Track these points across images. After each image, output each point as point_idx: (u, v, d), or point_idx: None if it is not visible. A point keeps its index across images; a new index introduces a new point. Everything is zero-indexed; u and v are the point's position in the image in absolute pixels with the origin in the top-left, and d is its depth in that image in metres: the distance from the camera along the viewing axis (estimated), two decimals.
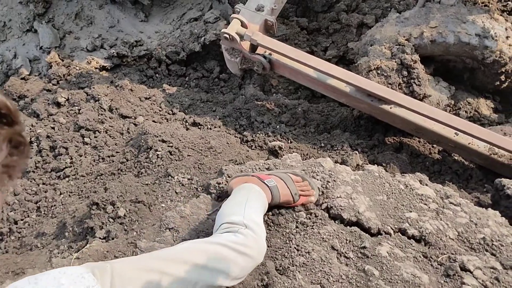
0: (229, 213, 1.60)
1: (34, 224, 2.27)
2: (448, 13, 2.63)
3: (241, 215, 1.57)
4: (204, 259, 1.37)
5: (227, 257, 1.41)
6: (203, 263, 1.37)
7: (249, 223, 1.54)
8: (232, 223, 1.54)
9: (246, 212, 1.59)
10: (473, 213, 1.89)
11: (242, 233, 1.49)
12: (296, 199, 1.88)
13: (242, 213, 1.58)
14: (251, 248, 1.47)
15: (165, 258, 1.37)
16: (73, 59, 3.57)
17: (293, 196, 1.87)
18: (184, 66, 3.62)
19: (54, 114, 2.91)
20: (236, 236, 1.48)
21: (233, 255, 1.42)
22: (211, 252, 1.41)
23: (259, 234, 1.55)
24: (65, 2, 3.84)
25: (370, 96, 2.60)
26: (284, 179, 1.91)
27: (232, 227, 1.52)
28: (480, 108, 2.91)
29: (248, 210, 1.61)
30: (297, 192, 1.89)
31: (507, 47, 2.58)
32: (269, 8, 2.88)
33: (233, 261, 1.41)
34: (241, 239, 1.47)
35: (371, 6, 3.55)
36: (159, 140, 2.42)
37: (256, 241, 1.51)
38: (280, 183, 1.88)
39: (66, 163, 2.56)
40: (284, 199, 1.85)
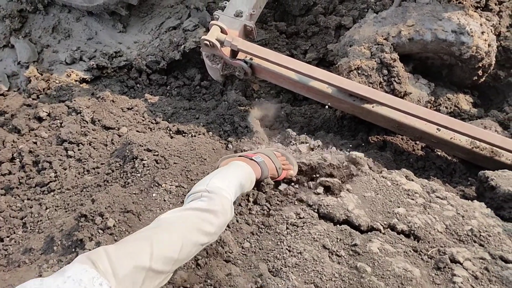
0: (196, 186, 1.77)
1: (21, 240, 2.24)
2: (424, 11, 2.68)
3: (204, 184, 1.73)
4: (181, 225, 1.51)
5: (198, 217, 1.55)
6: (182, 227, 1.50)
7: (211, 188, 1.69)
8: (195, 192, 1.70)
9: (210, 181, 1.75)
10: (460, 206, 1.91)
11: (205, 197, 1.65)
12: (280, 172, 2.14)
13: (206, 183, 1.73)
14: (215, 205, 1.61)
15: (150, 229, 1.48)
16: (52, 73, 3.54)
17: (277, 170, 2.12)
18: (165, 75, 3.61)
19: (36, 128, 2.88)
20: (201, 200, 1.64)
21: (202, 215, 1.56)
22: (184, 217, 1.55)
23: (222, 194, 1.69)
24: (42, 16, 3.81)
25: (352, 96, 2.62)
26: (269, 155, 2.17)
27: (195, 195, 1.69)
28: (459, 103, 2.96)
29: (214, 179, 1.77)
30: (281, 166, 2.15)
31: (483, 42, 2.63)
32: (247, 14, 2.89)
33: (203, 220, 1.55)
34: (205, 202, 1.62)
35: (348, 8, 3.58)
36: (144, 150, 2.41)
37: (219, 200, 1.65)
38: (266, 158, 2.13)
39: (50, 177, 2.53)
40: (271, 173, 2.11)
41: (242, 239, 1.81)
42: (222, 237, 1.79)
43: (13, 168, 2.67)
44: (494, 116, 2.87)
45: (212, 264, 1.72)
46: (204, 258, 1.74)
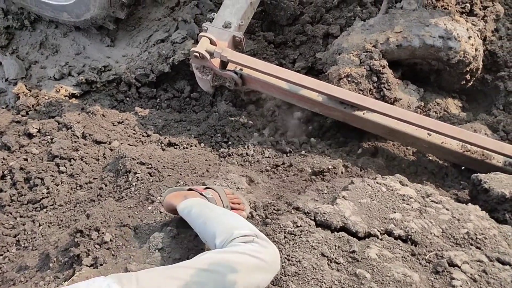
0: (234, 227, 1.64)
1: (15, 258, 2.21)
2: (411, 18, 2.71)
3: (246, 227, 1.62)
4: (228, 267, 1.41)
5: (247, 263, 1.46)
6: (227, 271, 1.40)
7: (258, 233, 1.60)
8: (245, 235, 1.58)
9: (248, 224, 1.66)
10: (455, 209, 1.93)
11: (257, 243, 1.55)
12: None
13: (246, 226, 1.64)
14: (265, 254, 1.52)
15: (190, 266, 1.40)
16: (41, 89, 3.52)
17: (225, 208, 1.95)
18: (154, 88, 3.60)
19: (26, 145, 2.85)
20: (253, 245, 1.54)
21: (252, 261, 1.47)
22: (233, 261, 1.44)
23: (270, 242, 1.61)
24: (29, 33, 3.80)
25: (342, 104, 2.64)
26: (218, 191, 2.01)
27: (246, 238, 1.57)
28: (449, 108, 2.99)
29: (245, 222, 1.67)
30: (228, 205, 1.98)
31: (470, 47, 2.66)
32: (236, 25, 2.91)
33: (252, 266, 1.46)
34: (257, 247, 1.53)
35: (335, 16, 3.61)
36: (137, 163, 2.40)
37: (271, 248, 1.58)
38: (215, 195, 1.98)
39: (42, 193, 2.51)
40: None
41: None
42: None
43: (4, 185, 2.64)
44: (483, 119, 2.90)
45: None
46: None
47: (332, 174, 2.55)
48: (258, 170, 2.58)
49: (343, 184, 2.24)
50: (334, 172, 2.56)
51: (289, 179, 2.50)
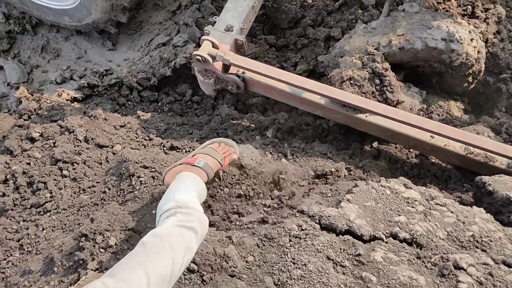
0: (163, 204, 1.73)
1: (18, 262, 2.20)
2: (414, 20, 2.71)
3: (171, 201, 1.70)
4: (167, 246, 1.47)
5: (181, 236, 1.54)
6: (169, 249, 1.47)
7: (180, 204, 1.67)
8: (167, 210, 1.66)
9: (175, 196, 1.73)
10: (460, 212, 1.93)
11: (179, 212, 1.63)
12: (222, 163, 2.14)
13: (172, 199, 1.71)
14: (193, 221, 1.61)
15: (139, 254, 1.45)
16: (43, 93, 3.52)
17: (220, 162, 2.12)
18: (156, 92, 3.60)
19: (29, 149, 2.85)
20: (176, 216, 1.62)
21: (184, 233, 1.55)
22: (169, 237, 1.51)
23: (195, 207, 1.69)
24: (30, 37, 3.80)
25: (345, 107, 2.64)
26: (208, 152, 2.14)
27: (169, 212, 1.65)
28: (451, 110, 2.99)
29: (177, 194, 1.75)
30: (221, 157, 2.15)
31: (472, 49, 2.67)
32: (238, 28, 2.91)
33: (186, 238, 1.54)
34: (182, 217, 1.61)
35: (336, 19, 3.62)
36: (140, 167, 2.39)
37: (195, 215, 1.65)
38: (207, 158, 2.09)
39: (46, 197, 2.50)
40: (216, 169, 2.10)
41: (245, 253, 1.80)
42: (225, 252, 1.78)
43: (7, 189, 2.64)
44: (486, 121, 2.90)
45: (218, 280, 1.70)
46: (209, 274, 1.72)
47: (335, 177, 2.55)
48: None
49: (347, 187, 2.24)
50: (337, 175, 2.55)
51: (291, 183, 2.50)
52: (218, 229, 2.03)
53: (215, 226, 2.07)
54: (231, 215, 2.13)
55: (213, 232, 1.92)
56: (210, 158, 2.10)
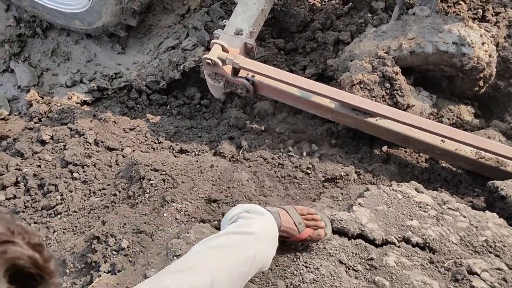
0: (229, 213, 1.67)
1: None
2: (424, 24, 2.71)
3: (239, 208, 1.63)
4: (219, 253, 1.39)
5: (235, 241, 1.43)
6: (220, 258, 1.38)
7: (248, 209, 1.60)
8: (232, 217, 1.59)
9: (244, 206, 1.65)
10: (472, 217, 1.92)
11: (242, 217, 1.55)
12: (301, 228, 1.78)
13: (240, 207, 1.64)
14: (251, 226, 1.50)
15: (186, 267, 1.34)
16: (53, 96, 3.53)
17: (297, 226, 1.77)
18: (165, 95, 3.61)
19: (39, 152, 2.86)
20: (238, 222, 1.54)
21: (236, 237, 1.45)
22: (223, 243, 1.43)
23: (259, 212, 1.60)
24: (41, 40, 3.82)
25: (355, 110, 2.64)
26: (287, 209, 1.85)
27: (233, 219, 1.59)
28: (461, 114, 2.98)
29: (245, 205, 1.67)
30: (301, 222, 1.79)
31: (483, 53, 2.65)
32: (247, 32, 2.91)
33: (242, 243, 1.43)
34: (242, 222, 1.53)
35: (346, 23, 3.61)
36: (151, 170, 2.40)
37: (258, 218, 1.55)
38: (281, 211, 1.82)
39: (56, 200, 2.51)
40: (287, 226, 1.76)
41: None
42: None
43: (18, 192, 2.65)
44: (496, 126, 2.89)
45: None
46: None
47: (345, 181, 2.55)
48: (271, 177, 2.58)
49: (357, 191, 2.23)
50: (347, 179, 2.55)
51: (302, 186, 2.50)
52: None
53: None
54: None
55: None
56: (285, 213, 1.82)
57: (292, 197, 2.37)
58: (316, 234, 1.80)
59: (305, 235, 1.79)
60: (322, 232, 1.81)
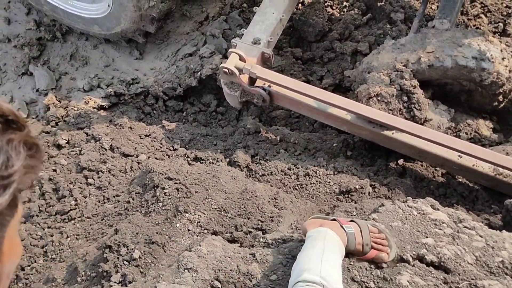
0: (305, 268, 1.51)
1: (42, 269, 2.23)
2: (444, 38, 2.68)
3: (317, 273, 1.46)
4: None
5: None
6: None
7: (327, 283, 1.43)
8: (308, 281, 1.44)
9: (323, 268, 1.49)
10: (489, 236, 1.88)
11: None
12: (366, 250, 1.77)
13: (318, 270, 1.47)
14: None
15: None
16: (70, 100, 3.57)
17: (364, 247, 1.76)
18: (181, 101, 3.62)
19: (55, 156, 2.89)
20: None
21: None
22: None
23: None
24: (60, 44, 3.86)
25: (371, 123, 2.62)
26: (362, 227, 1.82)
27: (309, 286, 1.42)
28: (480, 129, 2.93)
29: (325, 265, 1.50)
30: (369, 244, 1.77)
31: (503, 68, 2.62)
32: (265, 41, 2.91)
33: None
34: None
35: (364, 34, 3.60)
36: (165, 178, 2.40)
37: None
38: (357, 230, 1.79)
39: (70, 205, 2.53)
40: (356, 247, 1.76)
41: (269, 271, 1.79)
42: (249, 270, 1.77)
43: (33, 195, 2.67)
44: None
45: None
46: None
47: (359, 194, 2.52)
48: (286, 188, 2.57)
49: (372, 206, 2.21)
50: (362, 192, 2.53)
51: (316, 199, 2.48)
52: (242, 245, 2.02)
53: (238, 242, 2.06)
54: (255, 231, 2.12)
55: (236, 249, 1.91)
56: (359, 233, 1.79)
57: (306, 210, 2.35)
58: (378, 257, 1.79)
59: (369, 256, 1.79)
60: (385, 257, 1.79)
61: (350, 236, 1.73)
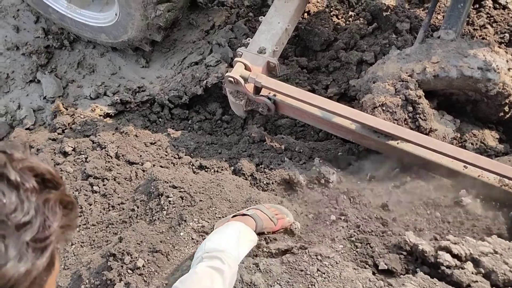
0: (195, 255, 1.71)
1: None
2: (449, 48, 2.68)
3: (202, 250, 1.67)
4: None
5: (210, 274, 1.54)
6: None
7: (208, 250, 1.65)
8: (196, 258, 1.66)
9: (205, 246, 1.69)
10: (497, 244, 1.87)
11: (207, 257, 1.62)
12: (275, 222, 2.11)
13: (202, 249, 1.68)
14: (219, 264, 1.59)
15: None
16: (77, 108, 3.59)
17: (272, 220, 2.09)
18: (187, 110, 3.64)
19: (61, 163, 2.90)
20: (203, 261, 1.61)
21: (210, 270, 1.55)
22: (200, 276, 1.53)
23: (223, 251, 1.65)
24: (67, 52, 3.89)
25: (376, 133, 2.62)
26: (259, 208, 2.14)
27: (198, 260, 1.65)
28: (485, 140, 2.93)
29: (207, 243, 1.71)
30: (274, 216, 2.11)
31: (509, 79, 2.61)
32: (271, 50, 2.92)
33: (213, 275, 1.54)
34: (208, 261, 1.60)
35: (369, 43, 3.60)
36: (169, 186, 2.41)
37: (222, 258, 1.61)
38: (257, 211, 2.09)
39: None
40: (266, 224, 2.06)
41: (272, 281, 1.79)
42: (252, 280, 1.77)
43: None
44: None
45: None
46: None
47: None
48: (290, 197, 2.57)
49: None
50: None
51: (321, 207, 2.48)
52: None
53: None
54: (259, 241, 2.12)
55: None
56: (261, 212, 2.10)
57: (310, 220, 2.35)
58: (285, 222, 2.19)
59: (279, 226, 2.16)
60: (288, 219, 2.22)
61: (255, 216, 2.02)
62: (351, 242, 2.07)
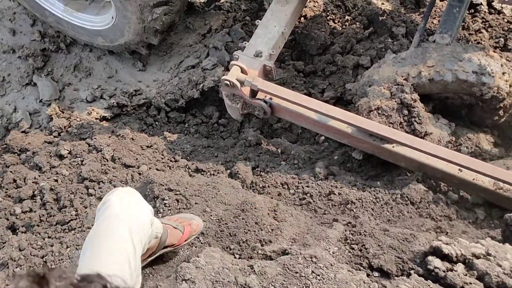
0: None
1: None
2: (445, 52, 2.69)
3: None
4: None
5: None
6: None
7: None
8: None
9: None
10: (491, 247, 1.88)
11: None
12: (181, 229, 2.02)
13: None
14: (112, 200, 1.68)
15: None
16: (73, 111, 3.59)
17: (177, 228, 2.00)
18: (183, 113, 3.64)
19: (57, 166, 2.90)
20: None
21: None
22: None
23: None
24: (64, 55, 3.90)
25: (372, 136, 2.63)
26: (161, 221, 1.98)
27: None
28: (480, 143, 2.94)
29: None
30: (178, 224, 2.02)
31: (504, 83, 2.63)
32: (267, 54, 2.93)
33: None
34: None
35: (366, 47, 3.62)
36: (165, 189, 2.41)
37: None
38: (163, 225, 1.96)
39: (71, 215, 2.54)
40: (171, 233, 1.96)
41: (267, 283, 1.79)
42: (246, 281, 1.77)
43: (34, 205, 2.68)
44: None
45: None
46: None
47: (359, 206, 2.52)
48: (286, 200, 2.57)
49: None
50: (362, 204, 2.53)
51: (316, 211, 2.48)
52: (240, 257, 2.02)
53: (237, 254, 2.06)
54: (254, 243, 2.12)
55: (234, 260, 1.91)
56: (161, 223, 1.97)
57: (306, 223, 2.35)
58: (195, 226, 2.11)
59: (188, 232, 2.06)
60: (195, 222, 2.12)
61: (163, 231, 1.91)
62: (346, 244, 2.07)
